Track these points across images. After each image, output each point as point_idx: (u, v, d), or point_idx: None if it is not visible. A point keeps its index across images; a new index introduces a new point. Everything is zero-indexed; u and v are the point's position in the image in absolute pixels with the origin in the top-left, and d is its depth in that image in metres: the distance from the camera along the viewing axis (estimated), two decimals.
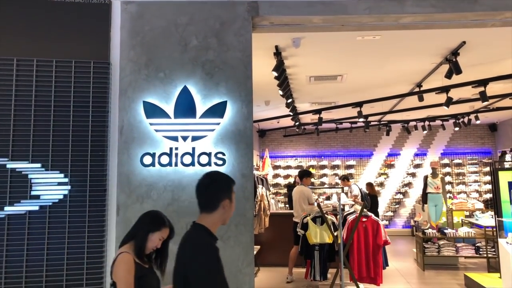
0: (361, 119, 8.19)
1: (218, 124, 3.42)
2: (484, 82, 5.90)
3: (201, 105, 3.45)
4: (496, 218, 6.09)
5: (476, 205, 9.40)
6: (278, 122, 11.62)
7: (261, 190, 7.32)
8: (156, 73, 3.52)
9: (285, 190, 12.70)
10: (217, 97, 3.47)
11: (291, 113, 8.69)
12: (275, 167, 13.79)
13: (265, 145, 13.95)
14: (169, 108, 3.44)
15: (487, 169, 12.76)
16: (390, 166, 13.54)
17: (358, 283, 5.68)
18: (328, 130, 12.40)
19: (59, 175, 3.21)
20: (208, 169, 3.36)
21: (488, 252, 7.27)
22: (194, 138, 3.41)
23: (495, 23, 3.87)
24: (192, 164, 3.38)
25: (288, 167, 13.92)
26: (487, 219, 7.63)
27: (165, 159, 3.38)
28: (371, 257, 5.66)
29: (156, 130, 3.42)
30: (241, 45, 3.58)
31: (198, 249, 1.95)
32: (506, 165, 10.54)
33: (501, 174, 6.45)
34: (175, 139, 3.41)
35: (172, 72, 3.52)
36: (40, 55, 3.36)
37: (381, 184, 13.39)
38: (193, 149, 3.39)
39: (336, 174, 13.30)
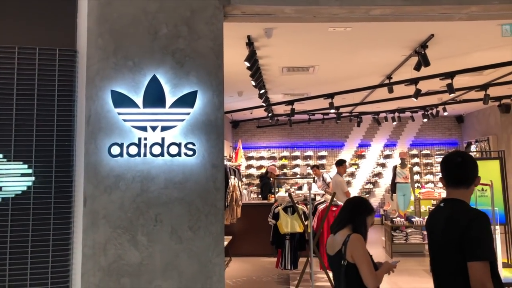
0: (333, 111, 8.26)
1: (188, 114, 3.38)
2: (451, 75, 6.06)
3: (171, 94, 3.39)
4: None
5: (442, 194, 9.70)
6: (251, 113, 11.62)
7: (233, 181, 7.32)
8: (124, 62, 3.43)
9: (257, 181, 12.74)
10: (187, 87, 3.42)
11: (264, 104, 8.70)
12: (248, 158, 13.82)
13: (238, 136, 13.94)
14: (138, 97, 3.37)
15: None
16: (361, 156, 13.79)
17: (327, 271, 5.78)
18: (300, 121, 12.49)
19: (22, 166, 3.10)
20: (178, 159, 3.33)
21: None
22: (164, 128, 3.35)
23: (462, 17, 3.96)
24: (162, 154, 3.32)
25: (261, 158, 13.98)
26: None
27: (133, 150, 3.31)
28: None
29: (125, 120, 3.35)
30: (212, 34, 3.52)
31: (472, 216, 2.17)
32: (472, 155, 10.88)
33: None
34: (144, 129, 3.35)
35: (141, 61, 3.44)
36: (2, 42, 3.22)
37: (352, 175, 13.64)
38: (163, 139, 3.34)
39: (308, 165, 13.44)
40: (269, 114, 10.45)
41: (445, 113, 10.89)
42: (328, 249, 2.97)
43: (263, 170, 12.99)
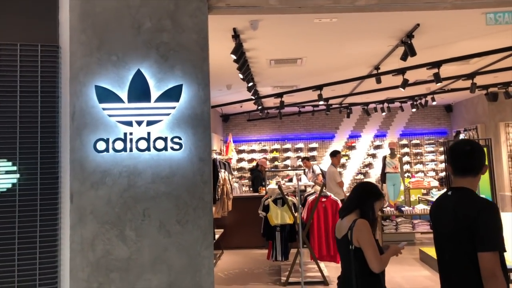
0: (322, 102, 8.28)
1: (174, 108, 3.37)
2: (437, 64, 6.09)
3: (156, 89, 3.38)
4: None
5: (431, 183, 9.81)
6: (241, 107, 11.60)
7: (223, 174, 7.32)
8: (108, 57, 3.40)
9: (249, 174, 12.76)
10: (172, 81, 3.41)
11: (253, 97, 8.69)
12: (239, 152, 13.82)
13: (229, 130, 13.93)
14: (123, 92, 3.36)
15: (443, 148, 13.28)
16: (351, 147, 13.87)
17: (318, 261, 5.84)
18: (291, 113, 12.50)
19: (7, 163, 3.08)
20: (164, 154, 3.33)
21: None
22: (149, 123, 3.34)
23: (446, 6, 3.97)
24: (148, 149, 3.32)
25: (252, 151, 13.99)
26: None
27: (119, 145, 3.30)
28: (330, 236, 5.82)
29: (110, 115, 3.33)
30: (197, 27, 3.51)
31: (482, 206, 2.19)
32: None
33: None
34: (129, 124, 3.33)
35: (126, 55, 3.42)
36: None
37: (343, 166, 13.70)
38: (149, 134, 3.33)
39: (298, 157, 13.49)
40: (259, 107, 10.44)
41: (434, 103, 10.96)
42: (336, 232, 3.05)
43: (254, 163, 13.01)
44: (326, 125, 14.00)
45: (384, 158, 9.53)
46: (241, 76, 6.37)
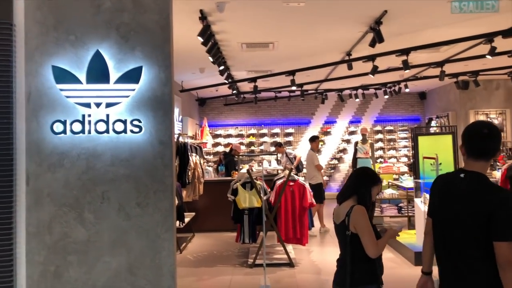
0: (294, 88, 8.30)
1: (134, 90, 3.32)
2: (406, 51, 6.16)
3: (116, 70, 3.32)
4: (414, 180, 6.53)
5: (401, 168, 10.00)
6: (216, 90, 11.53)
7: (194, 158, 7.31)
8: (66, 36, 3.32)
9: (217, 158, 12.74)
10: (132, 62, 3.35)
11: (226, 81, 8.64)
12: (216, 136, 13.79)
13: (205, 114, 13.86)
14: (81, 73, 3.29)
15: (411, 135, 13.56)
16: (327, 133, 14.00)
17: (285, 244, 5.93)
18: (267, 98, 12.49)
19: None
20: (124, 136, 3.29)
21: (409, 211, 7.83)
22: (108, 105, 3.29)
23: None
24: (107, 131, 3.28)
25: (229, 135, 13.97)
26: (410, 181, 8.16)
27: (77, 127, 3.25)
28: (297, 219, 5.91)
29: (67, 96, 3.27)
30: (158, 7, 3.44)
31: (503, 195, 2.14)
32: (432, 130, 11.26)
33: (421, 139, 6.88)
34: (87, 105, 3.28)
35: (84, 35, 3.34)
36: None
37: (318, 151, 13.81)
38: (107, 116, 3.29)
39: (273, 142, 13.54)
40: (234, 92, 10.40)
41: (407, 90, 11.12)
42: (334, 218, 3.07)
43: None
44: (303, 110, 14.08)
45: (356, 143, 9.67)
46: (211, 59, 6.32)
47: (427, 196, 6.12)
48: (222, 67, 7.05)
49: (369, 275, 2.87)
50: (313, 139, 8.89)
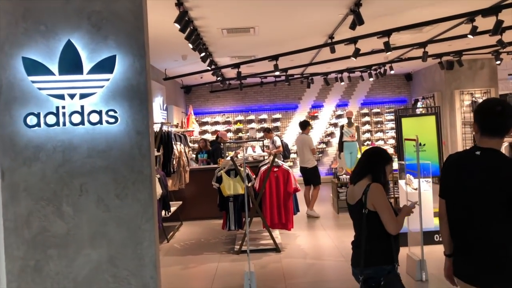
0: (277, 73, 8.25)
1: (108, 80, 3.26)
2: (387, 33, 6.13)
3: (88, 60, 3.26)
4: (398, 162, 6.58)
5: (388, 150, 10.04)
6: (201, 78, 11.42)
7: (179, 147, 7.27)
8: (36, 26, 3.24)
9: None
10: (106, 51, 3.29)
11: (209, 68, 8.55)
12: (203, 124, 13.72)
13: (191, 102, 13.76)
14: (53, 64, 3.22)
15: (394, 117, 13.63)
16: (314, 117, 14.00)
17: (270, 229, 5.96)
18: (253, 84, 12.41)
19: None
20: (100, 127, 3.25)
21: (395, 193, 7.90)
22: (82, 96, 3.24)
23: None
24: (82, 123, 3.23)
25: (216, 123, 13.91)
26: (395, 163, 8.23)
27: (51, 119, 3.20)
28: (282, 205, 5.94)
29: (40, 88, 3.20)
30: None
31: None
32: (418, 111, 11.31)
33: (404, 120, 6.91)
34: (61, 97, 3.22)
35: (55, 25, 3.26)
36: None
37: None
38: (82, 107, 3.23)
39: (261, 128, 13.53)
40: (218, 79, 10.32)
41: (392, 71, 11.11)
42: (348, 199, 3.07)
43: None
44: (289, 95, 14.04)
45: (342, 127, 9.70)
46: (191, 46, 6.24)
47: (411, 177, 6.18)
48: (203, 54, 6.97)
49: (384, 255, 2.89)
50: (306, 125, 8.83)
